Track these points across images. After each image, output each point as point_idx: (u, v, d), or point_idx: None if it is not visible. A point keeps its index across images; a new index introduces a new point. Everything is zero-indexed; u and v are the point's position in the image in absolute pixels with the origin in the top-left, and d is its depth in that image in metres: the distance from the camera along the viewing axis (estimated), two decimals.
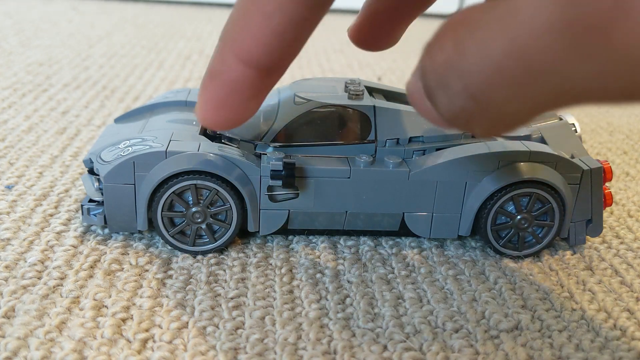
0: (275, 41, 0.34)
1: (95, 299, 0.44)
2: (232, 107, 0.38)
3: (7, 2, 1.68)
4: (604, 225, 0.57)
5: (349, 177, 0.50)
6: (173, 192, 0.48)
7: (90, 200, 0.52)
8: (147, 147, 0.49)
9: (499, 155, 0.51)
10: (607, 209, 0.61)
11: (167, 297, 0.45)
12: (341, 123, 0.52)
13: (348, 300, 0.46)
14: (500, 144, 0.52)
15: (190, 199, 0.49)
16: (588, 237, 0.55)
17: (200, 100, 0.38)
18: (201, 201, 0.49)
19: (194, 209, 0.49)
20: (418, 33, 0.58)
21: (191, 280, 0.47)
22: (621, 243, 0.56)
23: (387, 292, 0.47)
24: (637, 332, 0.44)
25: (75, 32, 1.37)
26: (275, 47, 0.34)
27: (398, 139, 0.53)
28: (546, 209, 0.51)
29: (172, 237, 0.50)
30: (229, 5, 1.89)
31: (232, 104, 0.38)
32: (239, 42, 0.35)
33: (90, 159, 0.52)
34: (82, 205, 0.51)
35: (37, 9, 1.61)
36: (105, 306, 0.43)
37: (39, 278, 0.46)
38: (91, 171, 0.53)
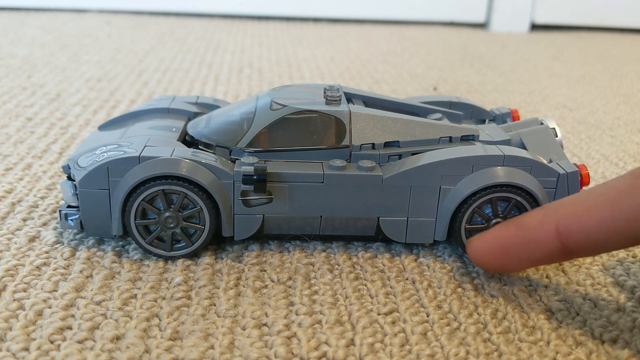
0: (600, 236, 0.40)
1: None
2: (516, 258, 0.44)
3: (38, 17, 1.69)
4: None
5: (322, 182, 0.50)
6: (143, 199, 0.49)
7: (69, 206, 0.52)
8: (122, 152, 0.50)
9: (473, 160, 0.51)
10: None
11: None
12: (316, 128, 0.53)
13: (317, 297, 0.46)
14: (475, 149, 0.52)
15: (161, 205, 0.50)
16: None
17: (488, 236, 0.46)
18: (172, 206, 0.50)
19: (166, 214, 0.50)
20: (456, 42, 0.58)
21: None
22: None
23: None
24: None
25: (119, 46, 1.38)
26: (596, 240, 0.40)
27: (373, 144, 0.53)
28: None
29: (149, 244, 0.50)
30: (259, 18, 1.90)
31: (520, 256, 0.44)
32: (567, 219, 0.42)
33: (68, 165, 0.53)
34: (59, 211, 0.52)
35: (71, 23, 1.63)
36: (72, 316, 0.44)
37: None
38: (70, 177, 0.53)
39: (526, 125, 0.60)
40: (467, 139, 0.56)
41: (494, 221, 0.51)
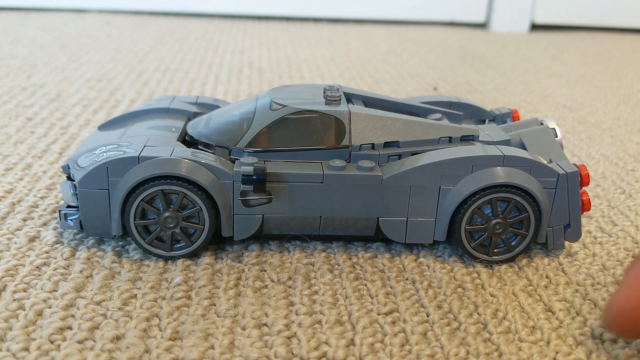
0: None
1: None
2: None
3: (39, 17, 1.69)
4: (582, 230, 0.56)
5: (321, 182, 0.50)
6: (142, 199, 0.49)
7: (69, 206, 0.52)
8: (122, 152, 0.50)
9: (472, 160, 0.51)
10: (585, 213, 0.60)
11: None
12: (316, 128, 0.53)
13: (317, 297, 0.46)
14: (475, 149, 0.52)
15: (160, 205, 0.50)
16: (567, 241, 0.55)
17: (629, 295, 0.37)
18: (171, 206, 0.50)
19: (165, 215, 0.50)
20: (456, 42, 0.58)
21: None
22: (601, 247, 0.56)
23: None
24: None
25: (119, 47, 1.37)
26: None
27: (373, 144, 0.53)
28: (522, 217, 0.51)
29: (149, 244, 0.50)
30: (259, 17, 1.90)
31: None
32: None
33: (68, 165, 0.53)
34: (59, 211, 0.52)
35: (71, 23, 1.62)
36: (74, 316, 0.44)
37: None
38: (70, 177, 0.53)
39: (526, 125, 0.60)
40: (467, 139, 0.56)
41: (493, 222, 0.51)
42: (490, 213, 0.51)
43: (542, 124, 0.59)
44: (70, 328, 0.42)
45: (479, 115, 0.66)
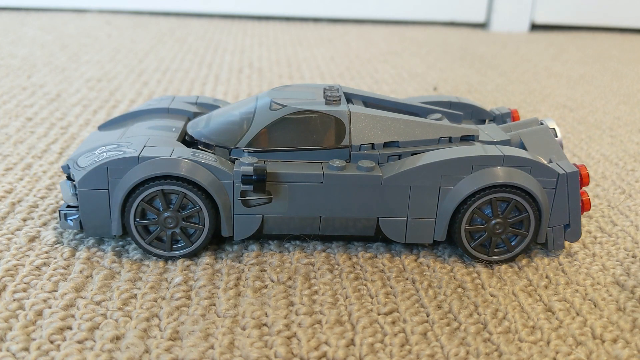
0: None
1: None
2: None
3: (39, 17, 1.69)
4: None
5: (321, 182, 0.50)
6: (142, 199, 0.49)
7: (69, 206, 0.52)
8: (121, 152, 0.50)
9: (472, 160, 0.51)
10: (585, 213, 0.60)
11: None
12: (316, 128, 0.53)
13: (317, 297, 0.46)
14: (474, 149, 0.52)
15: (160, 205, 0.50)
16: (567, 241, 0.55)
17: None
18: (171, 206, 0.50)
19: (165, 215, 0.50)
20: (456, 42, 0.58)
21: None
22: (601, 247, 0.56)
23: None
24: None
25: (119, 47, 1.37)
26: None
27: (373, 144, 0.53)
28: (522, 217, 0.51)
29: (149, 244, 0.50)
30: (259, 18, 1.90)
31: None
32: None
33: (67, 165, 0.53)
34: (59, 211, 0.52)
35: (71, 23, 1.62)
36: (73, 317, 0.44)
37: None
38: (70, 177, 0.53)
39: (526, 125, 0.60)
40: (467, 139, 0.56)
41: (493, 222, 0.51)
42: (490, 213, 0.51)
43: (542, 124, 0.59)
44: (70, 328, 0.42)
45: (479, 115, 0.66)
